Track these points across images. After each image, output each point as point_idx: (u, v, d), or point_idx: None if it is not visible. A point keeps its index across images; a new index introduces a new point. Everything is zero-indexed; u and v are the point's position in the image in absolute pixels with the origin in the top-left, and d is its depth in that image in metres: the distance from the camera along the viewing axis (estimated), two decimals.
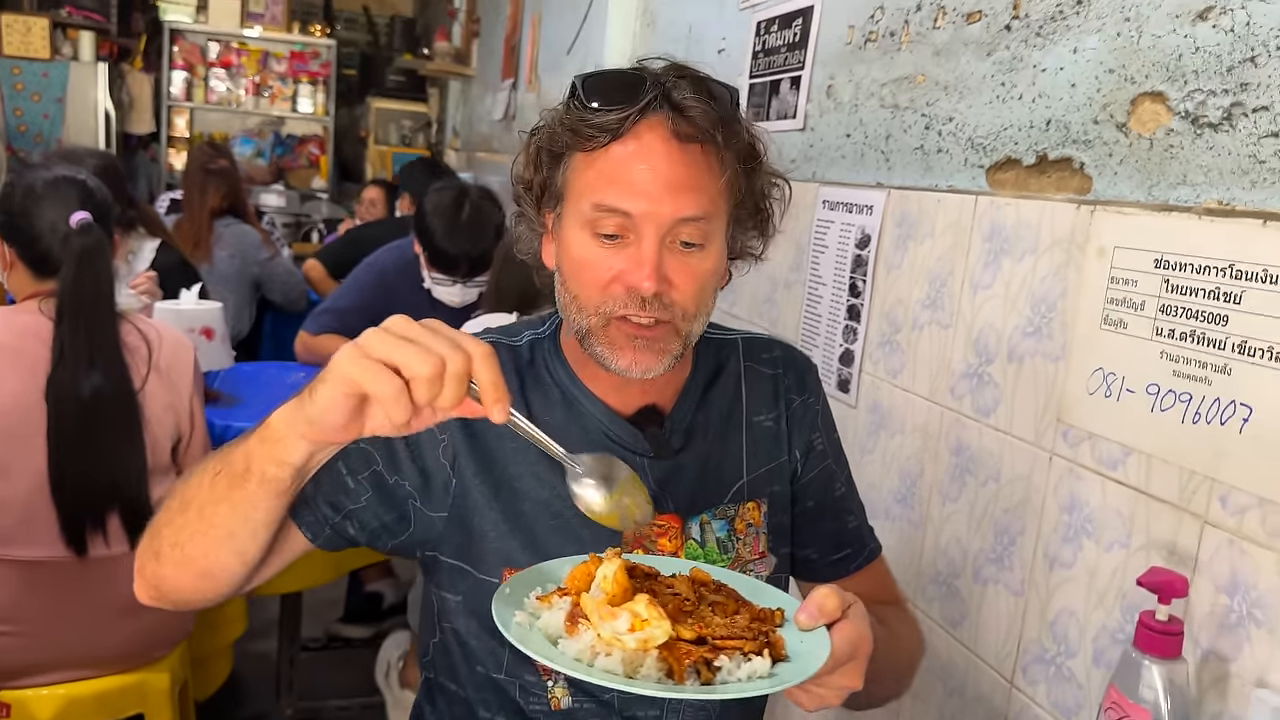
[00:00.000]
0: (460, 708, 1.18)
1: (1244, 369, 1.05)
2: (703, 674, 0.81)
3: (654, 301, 1.02)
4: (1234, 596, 1.05)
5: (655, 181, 1.00)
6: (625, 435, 1.14)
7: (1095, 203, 1.27)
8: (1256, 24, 1.06)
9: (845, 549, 1.25)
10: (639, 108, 1.01)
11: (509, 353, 1.17)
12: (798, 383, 1.24)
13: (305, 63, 6.95)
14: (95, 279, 1.80)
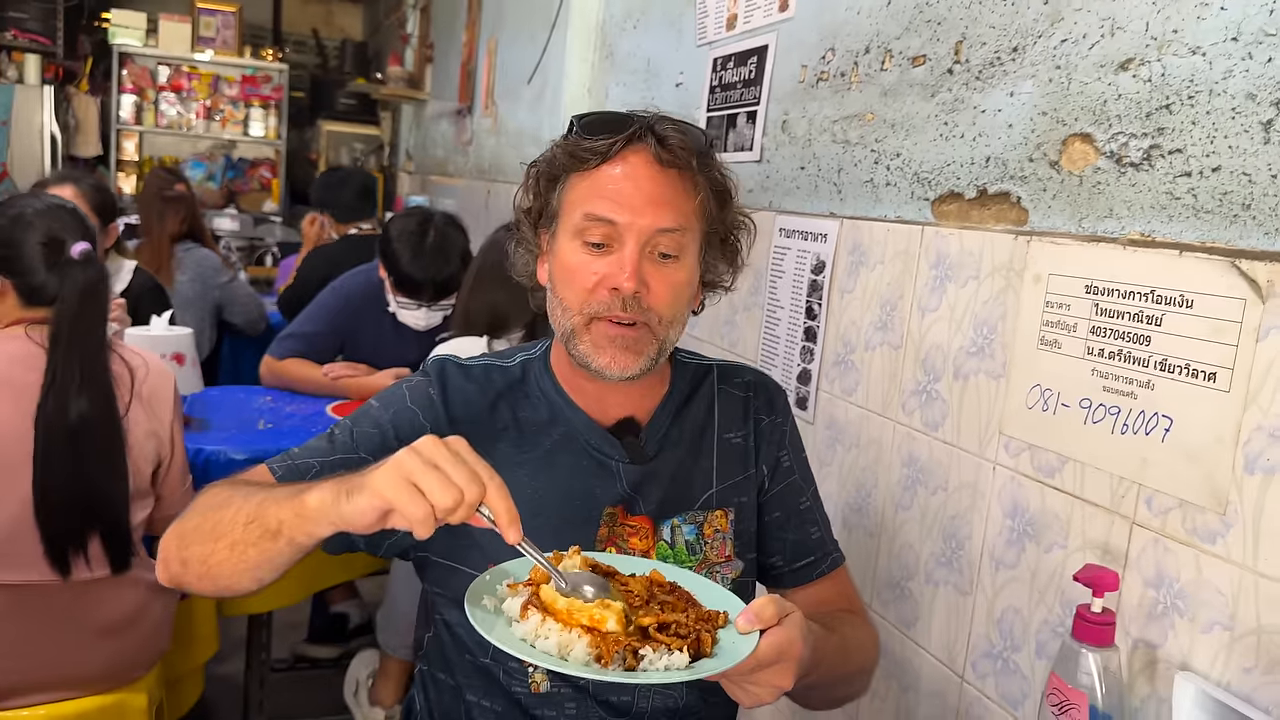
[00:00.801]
0: (450, 695, 1.28)
1: (1165, 384, 1.17)
2: (628, 660, 0.91)
3: (633, 303, 1.15)
4: (1159, 589, 1.17)
5: (638, 196, 1.15)
6: (604, 443, 1.25)
7: (1031, 234, 1.39)
8: (1171, 75, 1.19)
9: (808, 557, 1.34)
10: (626, 135, 1.16)
11: (501, 373, 1.29)
12: (767, 404, 1.35)
13: (257, 86, 6.96)
14: (96, 310, 1.85)
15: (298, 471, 1.19)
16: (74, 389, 1.80)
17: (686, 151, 1.17)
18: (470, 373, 1.29)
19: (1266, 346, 1.05)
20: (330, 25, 9.67)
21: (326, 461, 1.20)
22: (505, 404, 1.27)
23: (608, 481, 1.24)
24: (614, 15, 3.14)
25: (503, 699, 1.23)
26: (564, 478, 1.24)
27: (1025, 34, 1.43)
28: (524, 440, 1.25)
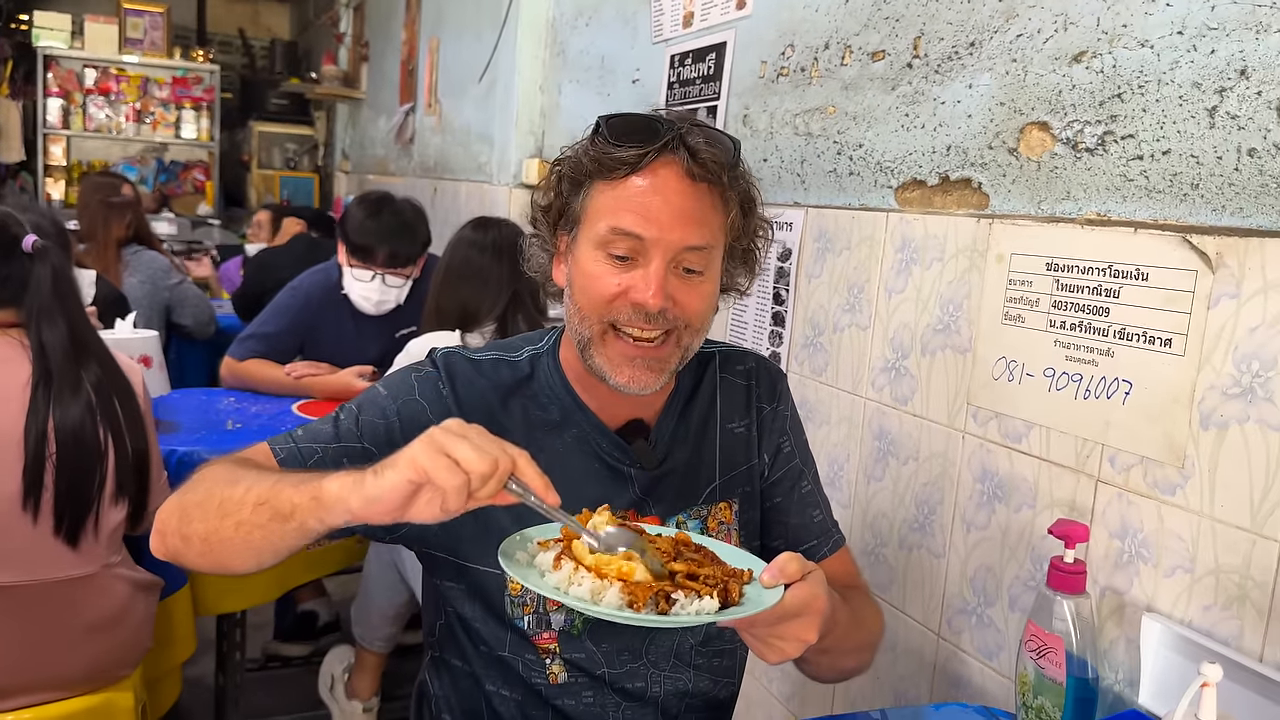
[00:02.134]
0: (467, 681, 1.29)
1: (1124, 351, 1.27)
2: (660, 605, 0.94)
3: (658, 317, 1.13)
4: (1124, 540, 1.27)
5: (667, 211, 1.11)
6: (614, 449, 1.25)
7: (993, 217, 1.49)
8: (1122, 67, 1.29)
9: (811, 540, 1.36)
10: (658, 146, 1.12)
11: (510, 368, 1.27)
12: (769, 391, 1.36)
13: (188, 88, 6.85)
14: (67, 293, 1.87)
15: (300, 456, 1.17)
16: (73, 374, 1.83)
17: (718, 166, 1.14)
18: (480, 367, 1.27)
19: (1217, 313, 1.16)
20: (257, 25, 9.55)
21: (329, 448, 1.18)
22: (517, 402, 1.25)
23: (620, 486, 1.25)
24: (564, 13, 3.20)
25: (521, 688, 1.26)
26: (576, 482, 1.20)
27: (982, 29, 1.52)
28: (534, 441, 1.23)
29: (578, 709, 1.25)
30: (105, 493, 1.90)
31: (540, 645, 1.24)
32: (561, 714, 1.26)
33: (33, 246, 1.88)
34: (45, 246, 1.89)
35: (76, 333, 1.88)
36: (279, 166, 7.65)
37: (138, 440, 1.95)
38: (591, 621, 1.23)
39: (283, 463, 1.17)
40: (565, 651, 1.24)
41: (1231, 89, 1.16)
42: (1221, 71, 1.17)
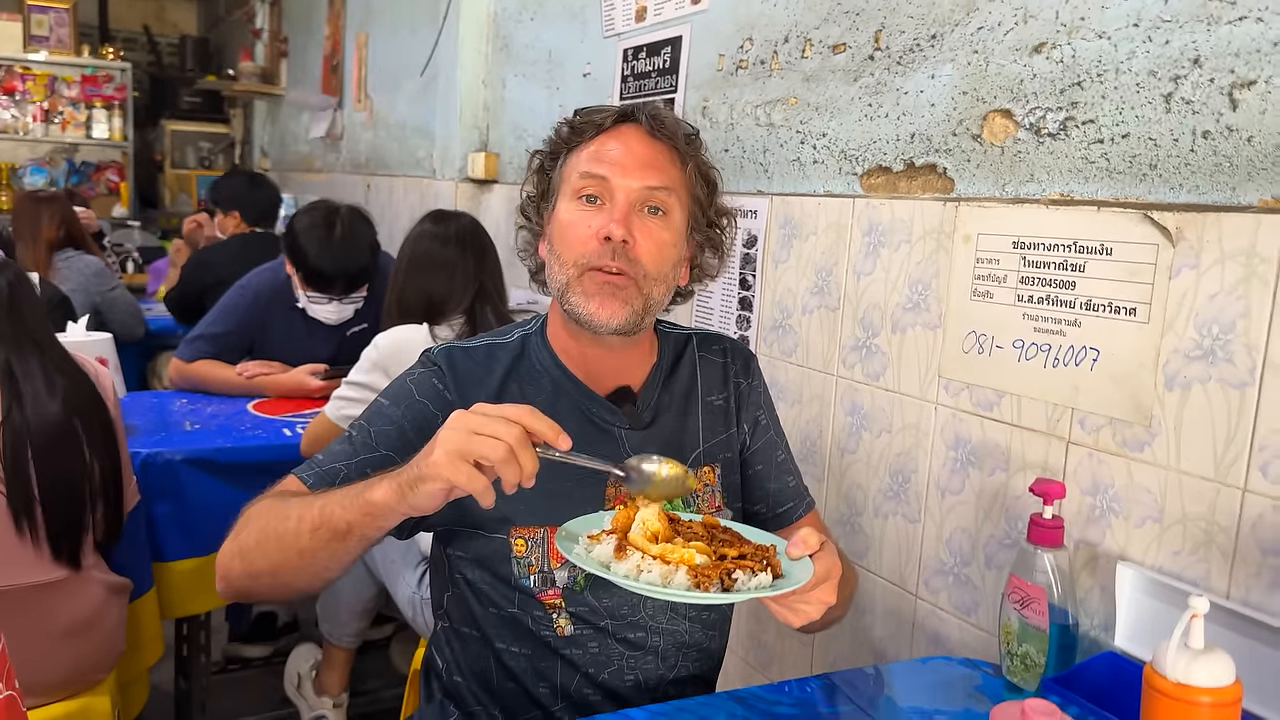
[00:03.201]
0: (477, 645, 1.37)
1: (1091, 321, 1.37)
2: (725, 582, 1.03)
3: (621, 253, 1.24)
4: (1096, 496, 1.37)
5: (629, 157, 1.27)
6: (604, 412, 1.35)
7: (959, 199, 1.58)
8: (1081, 57, 1.39)
9: (788, 503, 1.48)
10: (624, 111, 1.30)
11: (503, 351, 1.37)
12: (743, 368, 1.47)
13: (98, 86, 6.64)
14: (28, 307, 1.85)
15: (327, 477, 1.26)
16: (45, 383, 1.81)
17: (676, 128, 1.30)
18: (474, 355, 1.36)
19: (1178, 283, 1.26)
20: (162, 21, 9.31)
21: (351, 463, 1.27)
22: (513, 381, 1.35)
23: (612, 447, 1.34)
24: (507, 8, 3.23)
25: (530, 643, 1.33)
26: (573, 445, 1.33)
27: (943, 23, 1.61)
28: None
29: (584, 658, 1.34)
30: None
31: (546, 602, 1.31)
32: (569, 663, 1.34)
33: None
34: (5, 262, 1.87)
35: (42, 348, 1.85)
36: (193, 165, 7.49)
37: (111, 449, 1.94)
38: (592, 578, 1.30)
39: (313, 488, 1.25)
40: (570, 606, 1.32)
41: (1185, 76, 1.27)
42: (1175, 60, 1.28)
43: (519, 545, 1.30)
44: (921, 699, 1.34)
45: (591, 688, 1.34)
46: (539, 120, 3.05)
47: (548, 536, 1.30)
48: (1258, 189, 1.20)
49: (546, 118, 3.00)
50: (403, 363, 2.12)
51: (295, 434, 2.50)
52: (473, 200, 3.36)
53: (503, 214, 3.24)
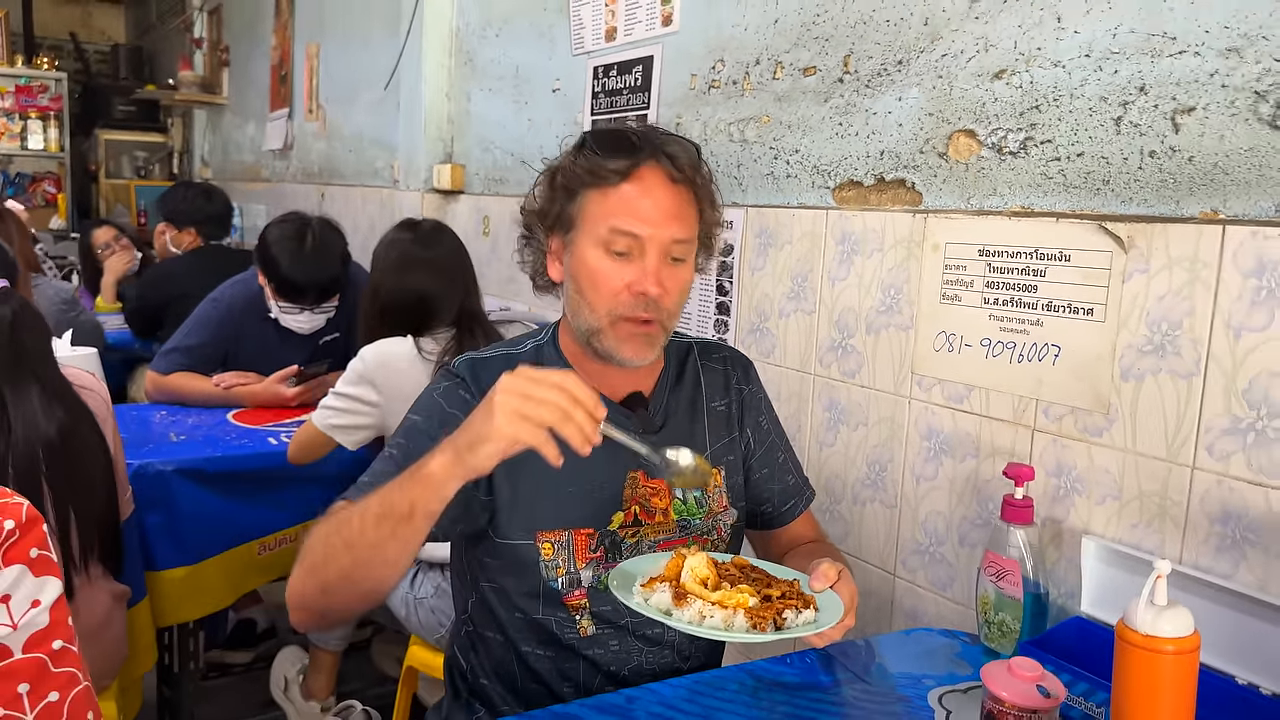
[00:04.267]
0: (501, 648, 1.46)
1: (1052, 321, 1.53)
2: (777, 621, 1.18)
3: (653, 305, 1.34)
4: (1060, 477, 1.53)
5: (657, 211, 1.33)
6: (619, 416, 1.43)
7: (927, 212, 1.73)
8: (1038, 83, 1.55)
9: (791, 500, 1.59)
10: (643, 156, 1.33)
11: (518, 358, 1.45)
12: (743, 375, 1.58)
13: (33, 97, 6.55)
14: (33, 336, 1.89)
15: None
16: (43, 407, 1.85)
17: (693, 169, 1.36)
18: (492, 364, 1.43)
19: (1130, 286, 1.42)
20: (89, 28, 9.17)
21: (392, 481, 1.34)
22: None
23: (627, 450, 1.37)
24: (470, 24, 3.32)
25: (554, 646, 1.43)
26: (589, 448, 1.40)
27: (909, 50, 1.76)
28: None
29: (605, 657, 1.43)
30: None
31: (571, 604, 1.40)
32: (591, 663, 1.43)
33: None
34: (9, 292, 1.91)
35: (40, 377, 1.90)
36: (129, 175, 7.40)
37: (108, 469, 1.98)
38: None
39: None
40: (593, 605, 1.41)
41: (1133, 102, 1.43)
42: (1124, 88, 1.44)
43: (546, 549, 1.39)
44: (909, 665, 1.47)
45: (613, 684, 1.43)
46: (507, 133, 3.15)
47: (573, 538, 1.39)
48: (1198, 202, 1.36)
49: (515, 130, 3.10)
50: (389, 374, 2.21)
51: (280, 442, 2.56)
52: (439, 210, 3.45)
53: (471, 223, 3.33)
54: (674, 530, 1.46)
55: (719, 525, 1.49)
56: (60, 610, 1.17)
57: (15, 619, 1.13)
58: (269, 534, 2.59)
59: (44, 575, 1.15)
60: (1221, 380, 1.32)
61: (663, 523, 1.45)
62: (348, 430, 2.26)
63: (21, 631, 1.13)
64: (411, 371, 2.18)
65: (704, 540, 1.47)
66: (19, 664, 1.13)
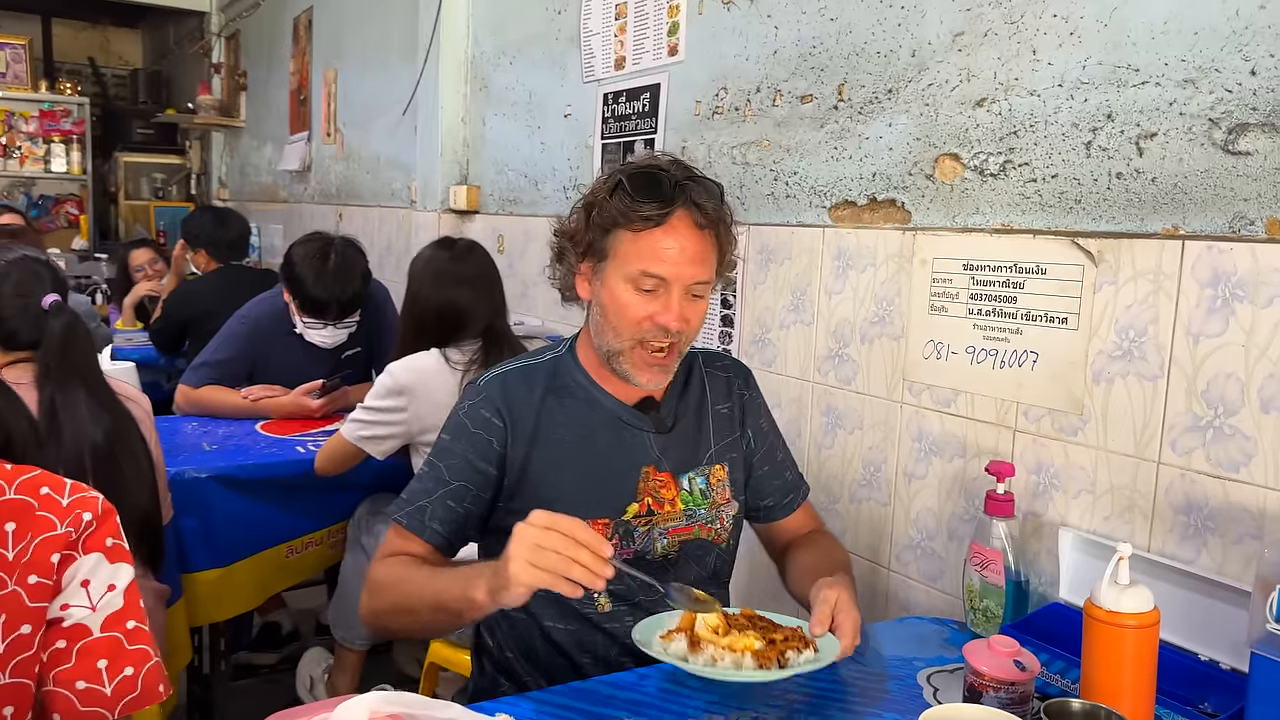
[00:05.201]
0: (524, 625, 1.60)
1: (1031, 329, 1.66)
2: (781, 661, 1.31)
3: (674, 334, 1.48)
4: (1039, 474, 1.65)
5: (683, 257, 1.45)
6: (634, 418, 1.59)
7: (916, 229, 1.86)
8: (1016, 110, 1.68)
9: (791, 494, 1.73)
10: (674, 205, 1.45)
11: (540, 371, 1.60)
12: (743, 382, 1.72)
13: (56, 121, 6.73)
14: (80, 346, 2.02)
15: (418, 514, 1.52)
16: (89, 413, 1.98)
17: (717, 215, 1.48)
18: (514, 377, 1.59)
19: (1100, 297, 1.55)
20: (107, 53, 9.36)
21: (434, 498, 1.52)
22: (553, 397, 1.57)
23: (640, 447, 1.59)
24: (485, 52, 3.47)
25: (575, 620, 1.57)
26: (606, 447, 1.57)
27: (898, 79, 1.90)
28: (571, 422, 1.57)
29: (622, 630, 1.55)
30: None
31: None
32: (609, 635, 1.57)
33: (51, 306, 2.03)
34: (61, 305, 2.04)
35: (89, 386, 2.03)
36: (147, 197, 7.57)
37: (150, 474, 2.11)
38: (630, 563, 1.53)
39: (408, 526, 1.52)
40: (610, 585, 1.51)
41: (1101, 128, 1.56)
42: (1093, 115, 1.57)
43: None
44: (901, 649, 1.59)
45: (628, 656, 1.56)
46: (520, 156, 3.29)
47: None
48: (1161, 220, 1.49)
49: (528, 153, 3.25)
50: (418, 385, 2.35)
51: (307, 450, 2.69)
52: (455, 229, 3.59)
53: (485, 242, 3.43)
54: (681, 519, 1.60)
55: (722, 515, 1.63)
56: (133, 594, 1.31)
57: (94, 601, 1.26)
58: (296, 538, 2.72)
59: (118, 562, 1.29)
60: (1183, 382, 1.45)
61: (671, 512, 1.59)
62: (376, 441, 2.40)
63: (99, 612, 1.26)
64: (440, 381, 2.32)
65: (708, 530, 1.61)
66: (98, 642, 1.25)
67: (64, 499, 1.26)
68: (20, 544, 1.23)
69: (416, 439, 2.40)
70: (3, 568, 1.21)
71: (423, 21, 3.62)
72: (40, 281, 2.07)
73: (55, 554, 1.23)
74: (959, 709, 1.24)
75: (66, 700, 1.22)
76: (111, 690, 1.25)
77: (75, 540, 1.25)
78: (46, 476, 1.28)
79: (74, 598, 1.25)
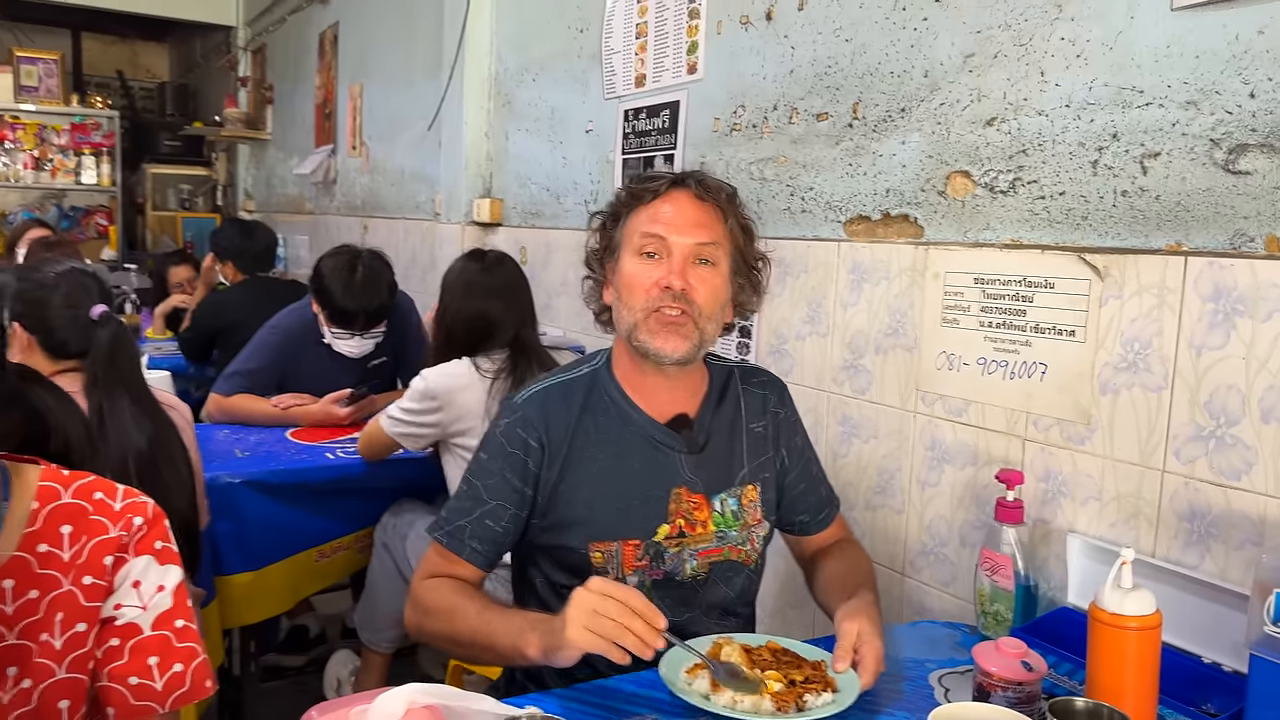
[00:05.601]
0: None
1: (1040, 342, 1.71)
2: (799, 705, 1.33)
3: (680, 297, 1.48)
4: (1048, 482, 1.70)
5: (682, 218, 1.51)
6: (665, 437, 1.60)
7: (928, 244, 1.92)
8: (1024, 130, 1.74)
9: (825, 509, 1.75)
10: (675, 179, 1.54)
11: (575, 387, 1.62)
12: (779, 399, 1.73)
13: (87, 134, 6.87)
14: (126, 355, 2.10)
15: (457, 534, 1.57)
16: (134, 420, 2.06)
17: (718, 190, 1.54)
18: (551, 394, 1.60)
19: (1106, 310, 1.60)
20: (135, 66, 9.52)
21: (472, 517, 1.56)
22: (588, 415, 1.59)
23: (672, 468, 1.59)
24: (509, 69, 3.55)
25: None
26: (638, 467, 1.57)
27: (910, 99, 1.96)
28: (604, 440, 1.58)
29: None
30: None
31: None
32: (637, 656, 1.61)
33: (99, 316, 2.11)
34: (109, 315, 2.12)
35: (134, 395, 2.11)
36: (174, 208, 7.70)
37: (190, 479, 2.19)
38: (657, 583, 1.58)
39: (448, 545, 1.57)
40: None
41: (1107, 148, 1.61)
42: (1099, 135, 1.62)
43: (597, 557, 1.56)
44: (914, 652, 1.64)
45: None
46: (543, 170, 3.37)
47: (621, 549, 1.56)
48: (1165, 236, 1.54)
49: (550, 167, 3.32)
50: (448, 392, 2.42)
51: (336, 457, 2.77)
52: (478, 241, 3.66)
53: (509, 252, 3.53)
54: (713, 540, 1.62)
55: (752, 536, 1.65)
56: (181, 594, 1.37)
57: (145, 601, 1.33)
58: (326, 542, 2.80)
59: (167, 564, 1.36)
60: (1186, 393, 1.50)
61: (703, 534, 1.61)
62: (412, 438, 2.53)
63: (150, 612, 1.32)
64: (469, 387, 2.41)
65: (739, 552, 1.64)
66: (148, 640, 1.32)
67: (116, 503, 1.33)
68: (76, 546, 1.29)
69: (448, 439, 2.50)
70: (60, 568, 1.28)
71: (447, 39, 3.71)
72: (88, 292, 2.15)
73: (108, 556, 1.29)
74: (967, 708, 1.29)
75: (120, 695, 1.29)
76: (162, 685, 1.31)
77: (127, 543, 1.31)
78: (100, 482, 1.35)
79: (126, 598, 1.31)
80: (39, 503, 1.30)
